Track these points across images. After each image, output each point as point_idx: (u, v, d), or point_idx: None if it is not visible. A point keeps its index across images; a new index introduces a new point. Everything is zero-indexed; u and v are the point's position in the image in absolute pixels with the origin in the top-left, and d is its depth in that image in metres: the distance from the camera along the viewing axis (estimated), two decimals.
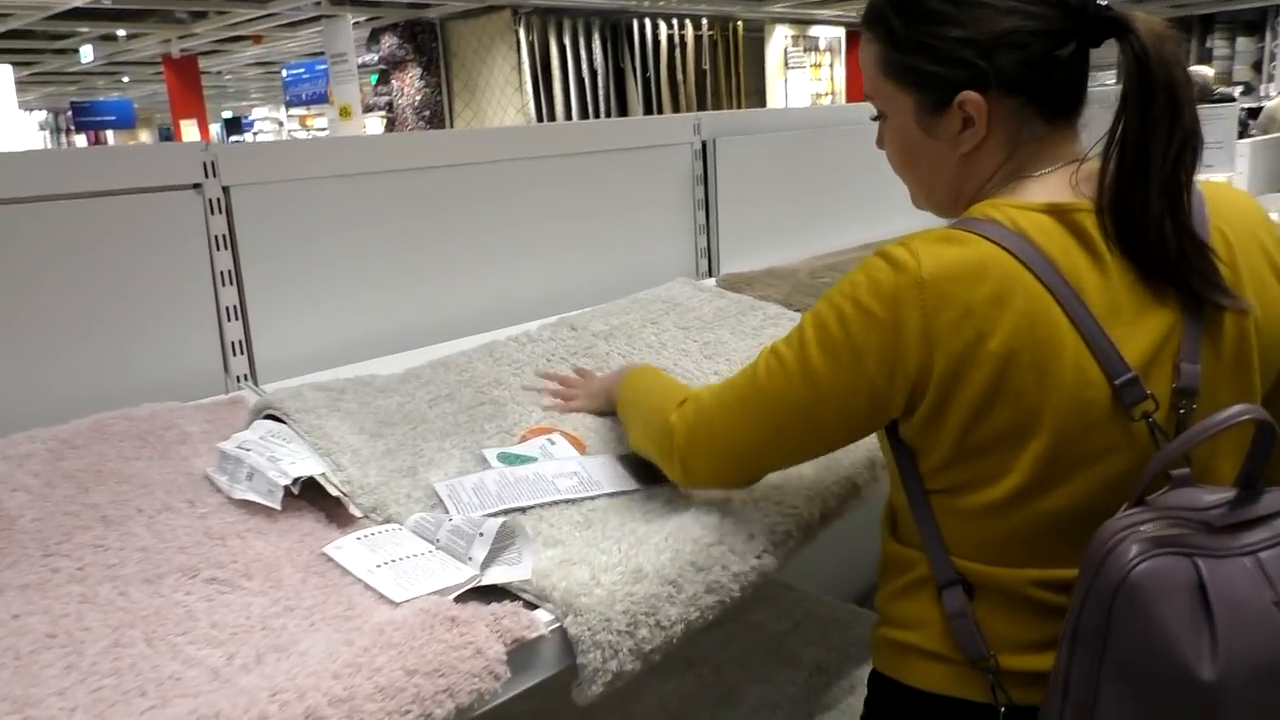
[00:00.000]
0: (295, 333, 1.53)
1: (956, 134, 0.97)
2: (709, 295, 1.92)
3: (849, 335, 0.93)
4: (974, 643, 0.96)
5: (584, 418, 1.40)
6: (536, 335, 1.67)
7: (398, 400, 1.39)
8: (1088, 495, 0.91)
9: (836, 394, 0.95)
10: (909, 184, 1.10)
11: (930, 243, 0.91)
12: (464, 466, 1.24)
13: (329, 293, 1.56)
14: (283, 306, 1.51)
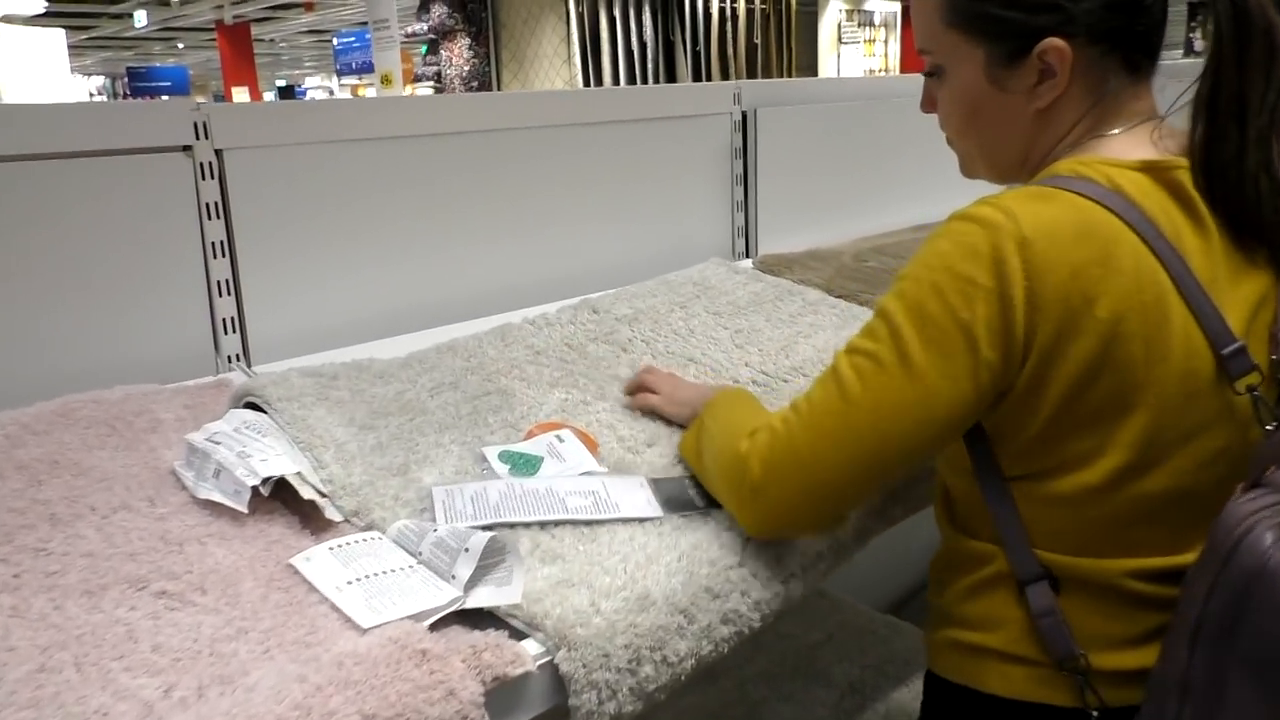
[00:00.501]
0: (293, 310, 1.42)
1: (1032, 87, 0.91)
2: (744, 278, 1.78)
3: (952, 312, 0.82)
4: (1063, 642, 0.89)
5: (601, 414, 1.27)
6: (555, 318, 1.55)
7: (396, 388, 1.27)
8: (1186, 474, 0.86)
9: (950, 386, 0.84)
10: (967, 147, 1.01)
11: (1023, 200, 0.84)
12: (461, 465, 1.12)
13: (331, 268, 1.45)
14: (279, 282, 1.40)
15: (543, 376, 1.36)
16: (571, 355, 1.43)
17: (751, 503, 0.92)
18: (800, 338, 1.54)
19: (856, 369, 0.87)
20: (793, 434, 0.90)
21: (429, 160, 1.53)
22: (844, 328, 1.59)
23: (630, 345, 1.48)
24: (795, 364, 1.44)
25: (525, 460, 1.15)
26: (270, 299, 1.39)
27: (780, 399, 1.33)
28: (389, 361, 1.33)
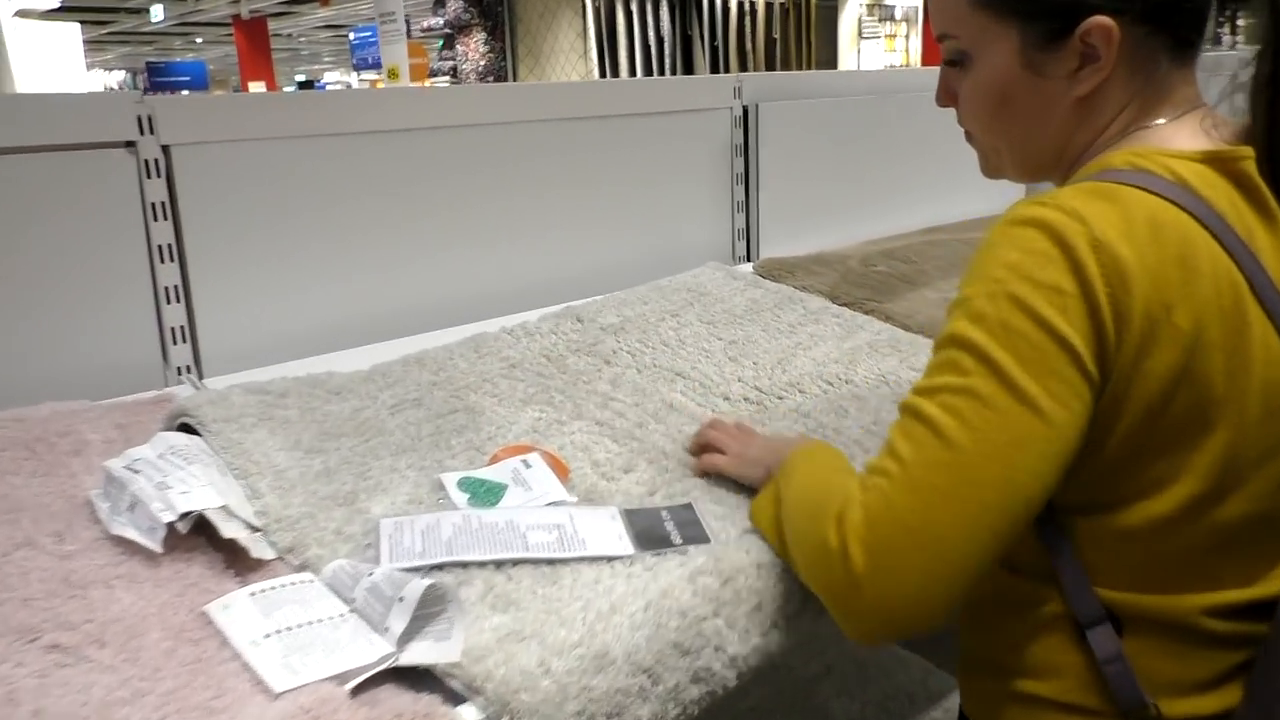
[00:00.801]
0: (249, 318, 1.32)
1: (1073, 71, 0.82)
2: (742, 284, 1.67)
3: (1047, 325, 0.72)
4: (1130, 690, 0.80)
5: (576, 435, 1.17)
6: (535, 328, 1.44)
7: (353, 404, 1.17)
8: (1265, 499, 0.78)
9: (1064, 410, 0.72)
10: (993, 142, 0.91)
11: (1085, 198, 0.74)
12: (416, 493, 1.02)
13: (291, 273, 1.35)
14: (234, 288, 1.30)
15: (516, 392, 1.25)
16: (549, 369, 1.33)
17: (857, 600, 0.73)
18: (799, 350, 1.43)
19: (950, 410, 0.73)
20: (893, 502, 0.72)
21: (397, 158, 1.42)
22: (846, 339, 1.48)
23: (614, 358, 1.37)
24: (791, 379, 1.34)
25: (487, 489, 1.05)
26: (224, 306, 1.29)
27: (773, 418, 1.23)
28: (349, 375, 1.23)
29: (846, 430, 1.20)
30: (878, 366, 1.39)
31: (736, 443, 1.08)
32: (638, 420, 1.20)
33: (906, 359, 1.41)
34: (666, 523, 1.01)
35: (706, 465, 1.08)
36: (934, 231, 2.10)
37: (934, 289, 1.75)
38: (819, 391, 1.31)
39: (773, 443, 1.07)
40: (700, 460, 1.09)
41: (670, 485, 1.07)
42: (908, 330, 1.54)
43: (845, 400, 1.28)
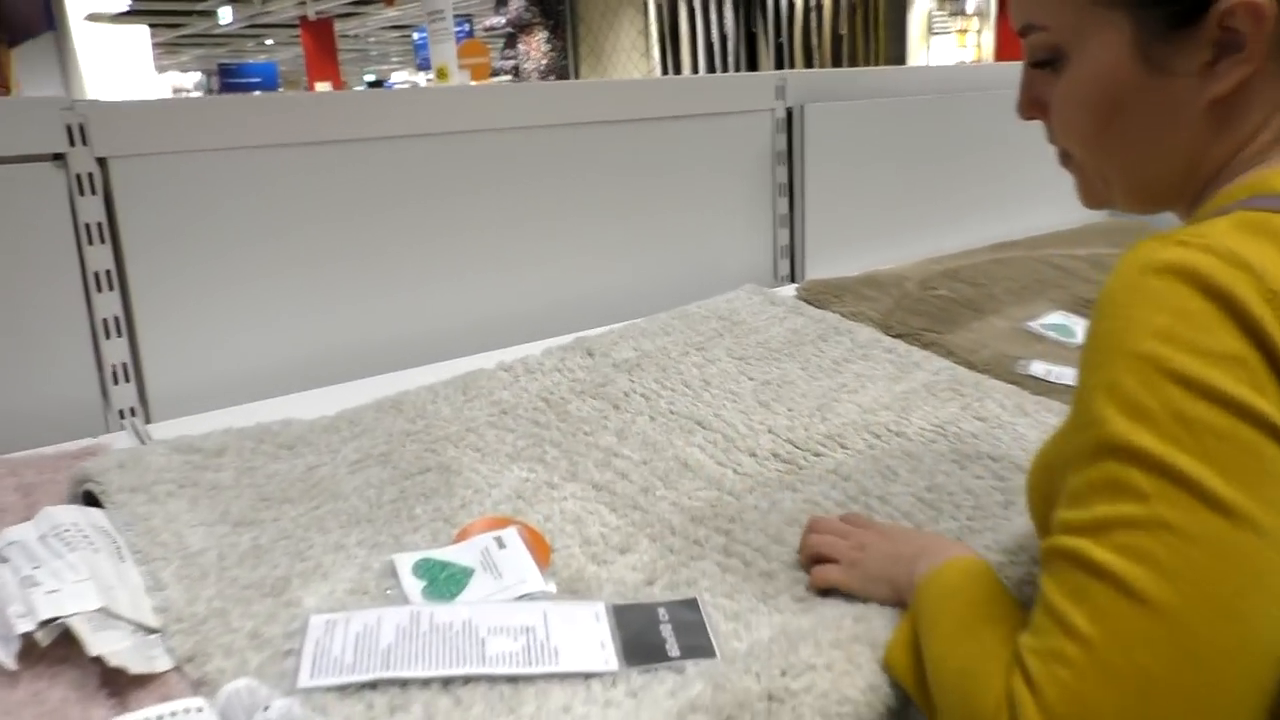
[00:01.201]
0: (203, 354, 1.16)
1: (1206, 66, 0.63)
2: (781, 310, 1.47)
3: (1243, 408, 0.54)
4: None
5: (567, 501, 0.98)
6: (536, 363, 1.26)
7: (308, 462, 1.00)
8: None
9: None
10: (1098, 163, 0.71)
11: (1241, 237, 0.57)
12: (362, 579, 0.84)
13: (252, 301, 1.19)
14: (185, 319, 1.14)
15: (503, 445, 1.07)
16: (546, 416, 1.14)
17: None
18: (843, 393, 1.23)
19: (1136, 554, 0.54)
20: (1088, 703, 0.53)
21: (378, 169, 1.25)
22: (900, 379, 1.27)
23: (624, 402, 1.18)
24: (832, 430, 1.13)
25: (448, 575, 0.87)
26: (173, 341, 1.14)
27: (808, 480, 1.02)
28: (308, 424, 1.06)
29: (894, 498, 0.99)
30: (935, 414, 1.18)
31: (850, 551, 0.86)
32: (643, 484, 1.01)
33: (970, 405, 1.20)
34: (663, 625, 0.82)
35: (819, 581, 0.85)
36: (1004, 248, 1.87)
37: (1003, 316, 1.53)
38: (863, 446, 1.11)
39: (896, 546, 0.84)
40: (813, 575, 0.86)
41: (674, 571, 0.88)
42: (972, 368, 1.32)
43: (895, 458, 1.07)
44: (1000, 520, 0.97)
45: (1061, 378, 1.30)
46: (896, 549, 0.84)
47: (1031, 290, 1.64)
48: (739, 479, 1.03)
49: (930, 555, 0.78)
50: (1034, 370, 1.32)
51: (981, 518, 0.98)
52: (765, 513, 0.96)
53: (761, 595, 0.85)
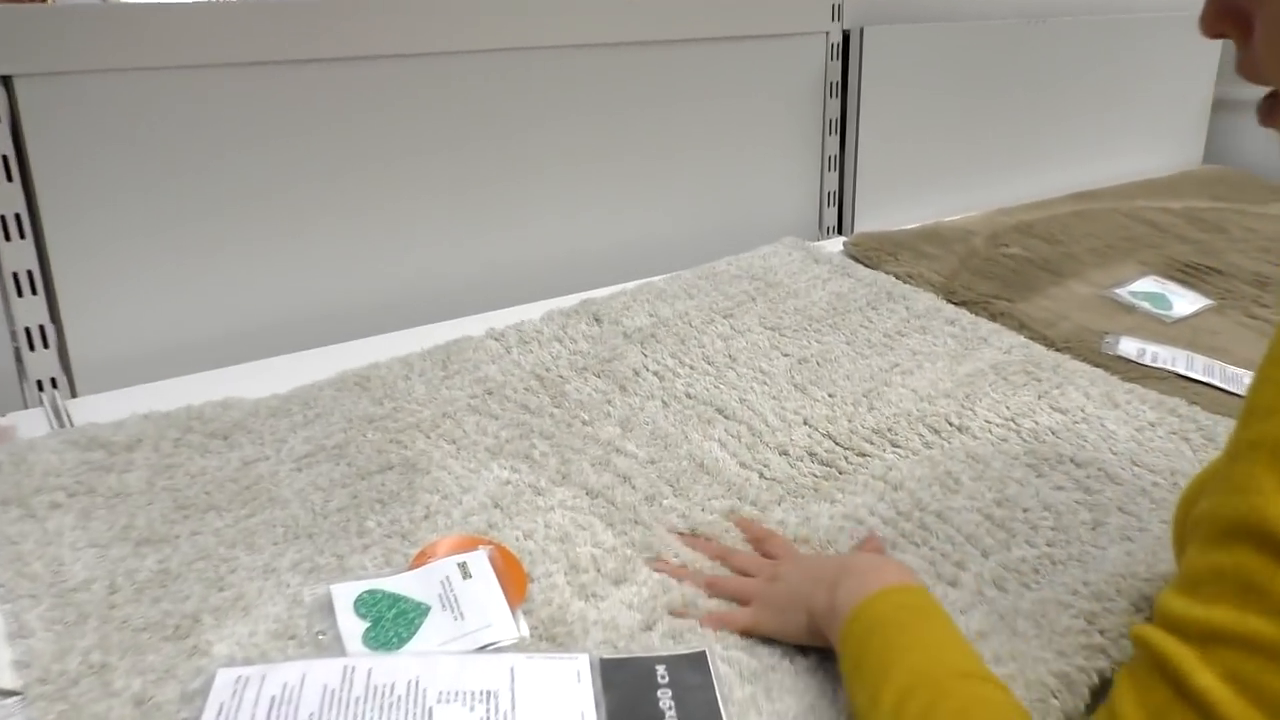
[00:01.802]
0: (137, 315, 0.99)
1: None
2: (826, 270, 1.27)
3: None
4: None
5: (555, 513, 0.81)
6: (533, 331, 1.08)
7: (244, 456, 0.83)
8: None
9: None
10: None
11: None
12: (290, 618, 0.68)
13: (197, 252, 1.01)
14: (116, 273, 0.97)
15: (483, 437, 0.89)
16: (540, 399, 0.96)
17: None
18: (895, 375, 1.04)
19: (1248, 691, 0.38)
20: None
21: (348, 94, 1.06)
22: (963, 358, 1.07)
23: (634, 383, 1.00)
24: (880, 424, 0.94)
25: (398, 614, 0.70)
26: (101, 300, 0.96)
27: (850, 489, 0.84)
28: (251, 407, 0.89)
29: (955, 514, 0.81)
30: (1006, 404, 0.98)
31: (760, 579, 0.72)
32: (649, 490, 0.83)
33: (1047, 393, 1.00)
34: (662, 689, 0.65)
35: (714, 623, 0.70)
36: (1086, 199, 1.63)
37: (1086, 281, 1.31)
38: (919, 445, 0.92)
39: (813, 569, 0.69)
40: (706, 617, 0.70)
41: (684, 608, 0.71)
42: (1049, 346, 1.12)
43: (957, 462, 0.88)
44: (1088, 549, 0.78)
45: (1158, 360, 1.10)
46: (813, 571, 0.68)
47: (1119, 250, 1.42)
48: (765, 485, 0.85)
49: (857, 575, 0.63)
50: (1124, 350, 1.11)
51: (1064, 543, 0.79)
52: (796, 529, 0.78)
53: (787, 649, 0.67)
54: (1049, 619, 0.68)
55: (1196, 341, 1.16)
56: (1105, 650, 0.66)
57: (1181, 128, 1.88)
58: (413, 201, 1.13)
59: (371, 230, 1.11)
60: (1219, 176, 1.80)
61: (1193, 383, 1.05)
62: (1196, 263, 1.38)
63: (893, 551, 0.76)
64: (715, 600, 0.72)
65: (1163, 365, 1.09)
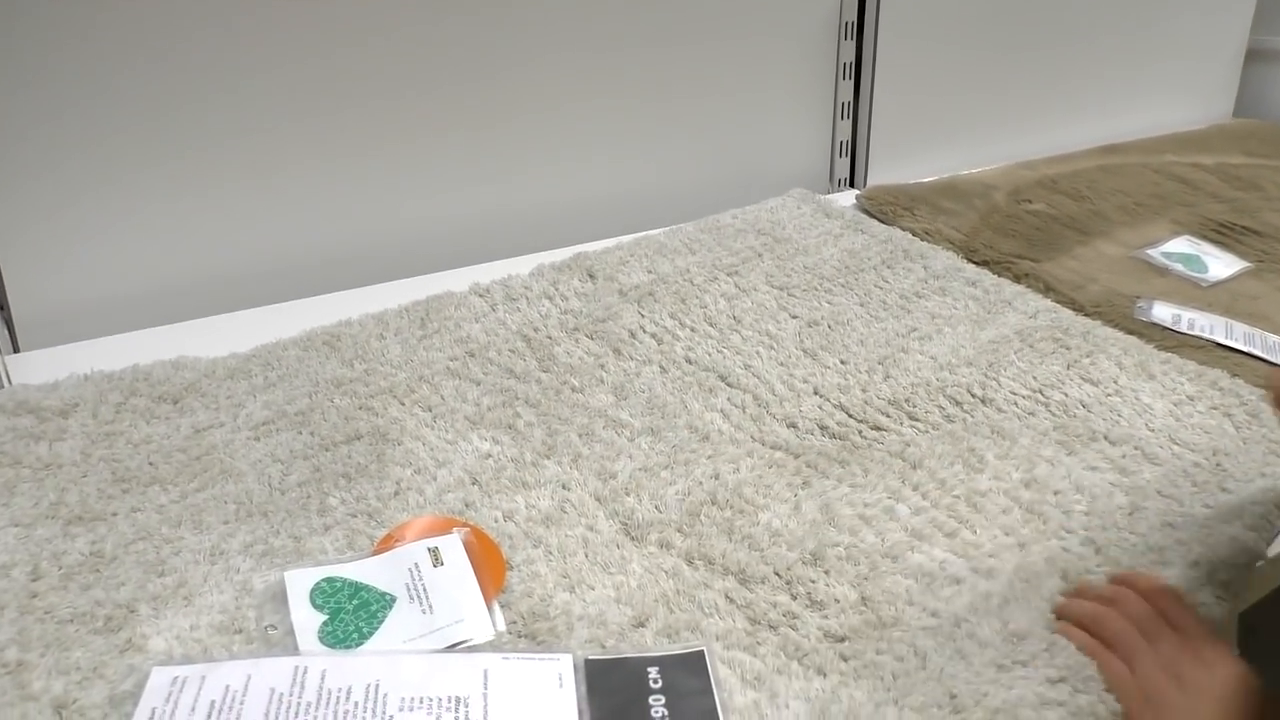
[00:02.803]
0: (88, 261, 0.90)
1: None
2: (837, 226, 1.18)
3: None
4: None
5: (539, 491, 0.73)
6: (521, 287, 0.99)
7: (195, 423, 0.75)
8: None
9: None
10: None
11: None
12: (238, 608, 0.60)
13: (153, 190, 0.92)
14: (61, 214, 0.88)
15: (463, 402, 0.81)
16: (526, 362, 0.88)
17: None
18: (913, 340, 0.96)
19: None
20: None
21: (323, 26, 0.96)
22: (985, 323, 0.99)
23: (629, 345, 0.92)
24: (896, 394, 0.87)
25: (359, 605, 0.62)
26: (44, 244, 0.88)
27: (865, 466, 0.77)
28: (206, 367, 0.81)
29: (980, 498, 0.74)
30: (1033, 374, 0.90)
31: (1155, 660, 0.59)
32: (644, 463, 0.76)
33: (1077, 361, 0.93)
34: (655, 695, 0.58)
35: (1103, 670, 0.58)
36: (1113, 152, 1.54)
37: (1115, 241, 1.23)
38: (939, 418, 0.84)
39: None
40: (1096, 658, 0.58)
41: (675, 605, 0.63)
42: (1078, 310, 1.04)
43: (980, 437, 0.81)
44: (1126, 535, 0.71)
45: (1195, 327, 1.02)
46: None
47: (1149, 209, 1.33)
48: (772, 461, 0.77)
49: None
50: (1158, 316, 1.03)
51: (1099, 529, 0.72)
52: (805, 513, 0.71)
53: (797, 649, 0.60)
54: None
55: (1234, 307, 1.08)
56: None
57: (1212, 79, 1.78)
58: (391, 144, 1.04)
59: (345, 175, 1.02)
60: (1252, 130, 1.70)
61: (1233, 352, 0.97)
62: (1231, 222, 1.29)
63: (921, 543, 0.69)
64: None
65: (1200, 333, 1.01)
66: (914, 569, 0.66)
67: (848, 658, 0.60)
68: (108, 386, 0.75)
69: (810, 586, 0.64)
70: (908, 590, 0.64)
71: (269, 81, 0.95)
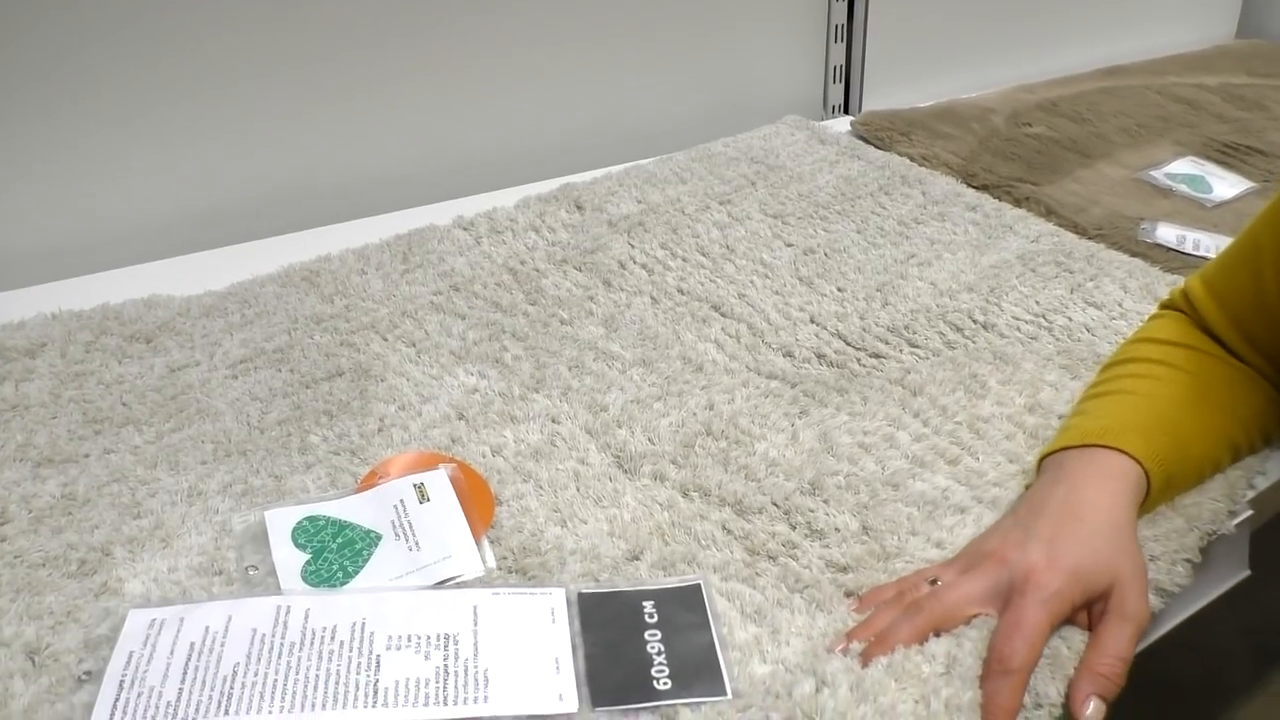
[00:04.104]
0: (59, 201, 0.86)
1: None
2: (832, 152, 1.15)
3: None
4: None
5: (528, 425, 0.71)
6: (507, 219, 0.96)
7: (170, 362, 0.73)
8: None
9: None
10: None
11: None
12: (217, 548, 0.58)
13: (118, 120, 0.88)
14: (27, 146, 0.84)
15: (448, 336, 0.79)
16: (512, 295, 0.85)
17: None
18: (911, 267, 0.93)
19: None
20: None
21: None
22: (986, 247, 0.96)
23: (619, 276, 0.89)
24: (896, 321, 0.84)
25: (344, 544, 0.60)
26: (11, 182, 0.84)
27: (865, 394, 0.74)
28: (180, 305, 0.78)
29: (984, 424, 0.71)
30: (1035, 299, 0.88)
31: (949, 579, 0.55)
32: (636, 395, 0.73)
33: (1081, 285, 0.90)
34: (650, 630, 0.56)
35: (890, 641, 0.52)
36: (1114, 74, 1.50)
37: (1117, 163, 1.19)
38: (940, 344, 0.82)
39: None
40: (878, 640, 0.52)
41: (671, 537, 0.61)
42: (1080, 234, 1.01)
43: (983, 363, 0.78)
44: None
45: (1201, 248, 0.99)
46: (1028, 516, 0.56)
47: (1151, 130, 1.30)
48: (768, 391, 0.75)
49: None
50: (1162, 237, 1.00)
51: None
52: (803, 442, 0.69)
53: (798, 580, 0.58)
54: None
55: (1240, 228, 1.05)
56: (1154, 559, 0.57)
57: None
58: (371, 76, 1.00)
59: (324, 106, 0.98)
60: (1255, 50, 1.66)
61: None
62: (1236, 142, 1.26)
63: (923, 470, 0.67)
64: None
65: (1205, 254, 0.98)
66: (916, 497, 0.64)
67: (851, 591, 0.58)
68: (76, 326, 0.73)
69: (810, 516, 0.62)
70: (910, 519, 0.62)
71: (246, 14, 0.90)
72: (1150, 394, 0.64)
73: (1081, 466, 0.59)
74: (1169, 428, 0.61)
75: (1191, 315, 0.70)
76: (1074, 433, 0.62)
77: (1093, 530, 0.54)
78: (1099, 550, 0.53)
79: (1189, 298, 0.71)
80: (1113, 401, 0.65)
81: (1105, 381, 0.68)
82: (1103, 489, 0.57)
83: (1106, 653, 0.50)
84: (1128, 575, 0.53)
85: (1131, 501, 0.57)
